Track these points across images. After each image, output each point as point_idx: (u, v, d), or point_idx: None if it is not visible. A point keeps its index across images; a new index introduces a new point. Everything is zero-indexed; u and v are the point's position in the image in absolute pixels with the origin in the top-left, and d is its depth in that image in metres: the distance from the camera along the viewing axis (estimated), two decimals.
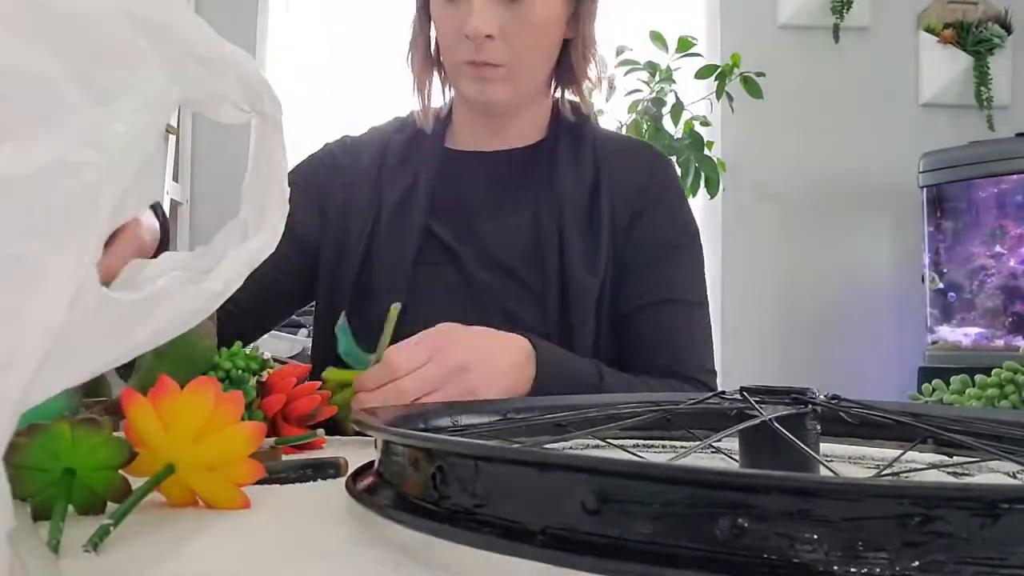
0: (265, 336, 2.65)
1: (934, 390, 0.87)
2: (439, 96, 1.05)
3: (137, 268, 0.26)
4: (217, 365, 0.68)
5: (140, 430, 0.41)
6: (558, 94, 1.03)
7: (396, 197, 0.98)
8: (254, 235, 0.28)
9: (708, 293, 1.03)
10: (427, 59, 1.01)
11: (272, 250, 0.29)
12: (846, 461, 0.60)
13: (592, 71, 1.00)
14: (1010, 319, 2.41)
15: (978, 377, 0.83)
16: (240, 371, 0.67)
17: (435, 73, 1.03)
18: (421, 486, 0.35)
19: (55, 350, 0.21)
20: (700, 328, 0.99)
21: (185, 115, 2.64)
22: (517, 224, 0.98)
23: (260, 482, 0.43)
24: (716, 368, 1.01)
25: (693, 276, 1.00)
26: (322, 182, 1.02)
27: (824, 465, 0.41)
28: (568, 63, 0.99)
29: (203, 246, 0.28)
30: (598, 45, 1.00)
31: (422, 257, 0.96)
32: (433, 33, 1.00)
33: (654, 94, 2.36)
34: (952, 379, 0.86)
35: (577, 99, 1.03)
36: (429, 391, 0.71)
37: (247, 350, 0.70)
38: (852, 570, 0.24)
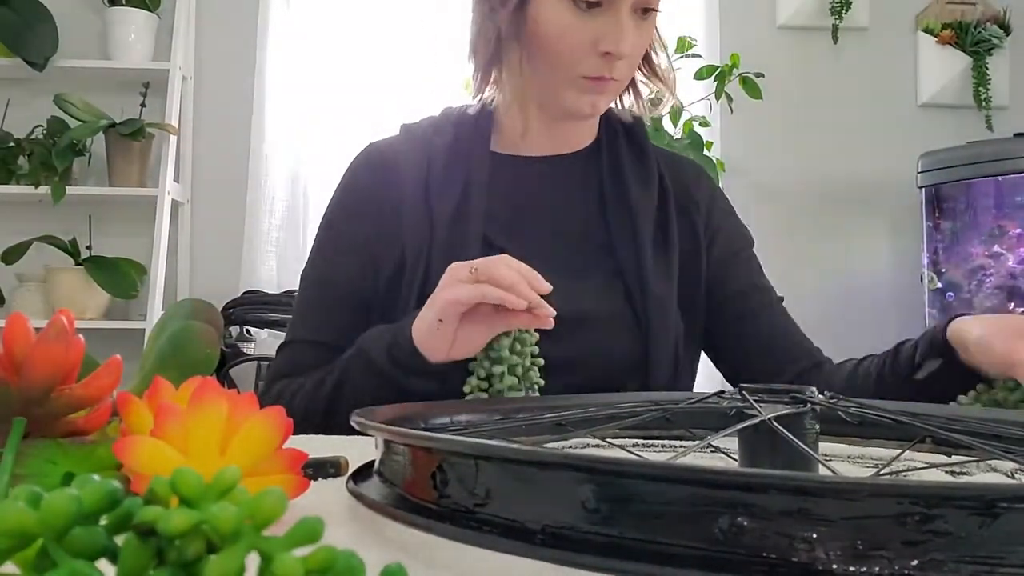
0: (265, 335, 2.61)
1: None
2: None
3: None
4: None
5: (159, 469, 0.36)
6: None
7: (450, 205, 0.93)
8: None
9: None
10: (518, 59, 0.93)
11: None
12: (845, 460, 0.61)
13: (661, 73, 1.02)
14: None
15: None
16: None
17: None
18: (421, 485, 0.35)
19: None
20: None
21: (185, 115, 2.63)
22: (582, 228, 0.96)
23: None
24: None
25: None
26: (375, 196, 0.97)
27: (823, 464, 0.41)
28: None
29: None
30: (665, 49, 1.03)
31: None
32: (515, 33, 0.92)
33: (653, 94, 2.35)
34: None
35: (632, 101, 1.03)
36: None
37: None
38: (851, 569, 0.24)
